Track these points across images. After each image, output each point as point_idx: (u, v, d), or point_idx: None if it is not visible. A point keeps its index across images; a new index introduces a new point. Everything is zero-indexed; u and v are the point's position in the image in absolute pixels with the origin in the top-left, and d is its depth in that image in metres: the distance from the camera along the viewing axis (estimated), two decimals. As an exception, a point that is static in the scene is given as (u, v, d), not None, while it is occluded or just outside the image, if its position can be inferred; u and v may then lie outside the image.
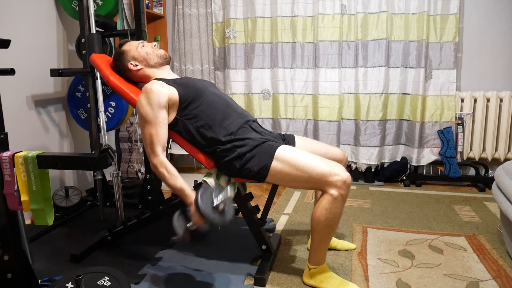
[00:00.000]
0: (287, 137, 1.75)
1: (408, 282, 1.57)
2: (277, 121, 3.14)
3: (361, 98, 2.94)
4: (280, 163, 1.48)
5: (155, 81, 1.58)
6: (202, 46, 3.27)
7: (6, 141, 1.24)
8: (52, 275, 1.61)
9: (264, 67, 3.11)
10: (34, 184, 1.18)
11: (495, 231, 2.06)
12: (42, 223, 1.22)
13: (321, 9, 2.92)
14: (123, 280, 1.33)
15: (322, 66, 2.98)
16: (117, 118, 2.41)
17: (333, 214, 1.41)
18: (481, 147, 2.92)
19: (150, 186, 2.37)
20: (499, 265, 1.69)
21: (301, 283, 1.57)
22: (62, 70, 2.01)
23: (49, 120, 2.48)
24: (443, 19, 2.82)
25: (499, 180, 1.72)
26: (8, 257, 1.24)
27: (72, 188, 2.46)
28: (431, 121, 2.91)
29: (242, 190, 1.73)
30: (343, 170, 1.42)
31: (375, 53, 2.89)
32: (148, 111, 1.50)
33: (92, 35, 2.16)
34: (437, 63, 2.87)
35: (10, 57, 2.16)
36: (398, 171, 3.03)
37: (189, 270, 1.68)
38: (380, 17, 2.85)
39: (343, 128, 3.05)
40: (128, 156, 3.05)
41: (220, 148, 1.55)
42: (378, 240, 1.97)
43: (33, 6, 2.33)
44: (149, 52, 1.71)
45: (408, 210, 2.41)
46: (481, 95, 2.84)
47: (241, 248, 1.88)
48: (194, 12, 3.24)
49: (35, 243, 1.98)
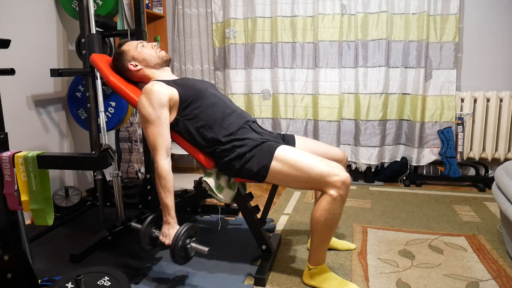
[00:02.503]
0: (287, 137, 1.75)
1: (408, 282, 1.57)
2: (277, 121, 3.14)
3: (361, 98, 2.94)
4: (280, 163, 1.48)
5: (155, 82, 1.58)
6: (202, 46, 3.27)
7: (6, 141, 1.24)
8: (52, 275, 1.61)
9: (264, 67, 3.11)
10: (34, 184, 1.18)
11: (495, 231, 2.06)
12: (42, 223, 1.22)
13: (321, 9, 2.92)
14: (123, 280, 1.33)
15: (322, 66, 2.98)
16: (117, 118, 2.41)
17: (332, 215, 1.41)
18: (481, 147, 2.92)
19: (150, 186, 2.37)
20: (499, 265, 1.69)
21: (301, 283, 1.57)
22: (62, 70, 2.01)
23: (49, 120, 2.48)
24: (443, 19, 2.82)
25: (499, 180, 1.72)
26: (8, 257, 1.24)
27: (72, 188, 2.46)
28: (431, 121, 2.91)
29: (242, 190, 1.73)
30: (342, 171, 1.42)
31: (375, 53, 2.89)
32: (150, 112, 1.50)
33: (92, 35, 2.16)
34: (437, 63, 2.87)
35: (10, 57, 2.16)
36: (398, 171, 3.03)
37: (189, 270, 1.68)
38: (380, 17, 2.85)
39: (343, 128, 3.05)
40: (128, 156, 3.05)
41: (220, 148, 1.56)
42: (378, 240, 1.97)
43: (33, 6, 2.33)
44: (149, 53, 1.71)
45: (408, 210, 2.41)
46: (481, 95, 2.84)
47: (241, 248, 1.88)
48: (194, 12, 3.24)
49: (35, 243, 1.98)
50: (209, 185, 1.56)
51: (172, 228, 1.48)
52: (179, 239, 1.43)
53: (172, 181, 1.51)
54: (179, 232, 1.44)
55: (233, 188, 1.64)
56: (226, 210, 2.34)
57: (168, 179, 1.49)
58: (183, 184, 2.86)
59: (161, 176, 1.49)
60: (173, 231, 1.47)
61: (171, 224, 1.49)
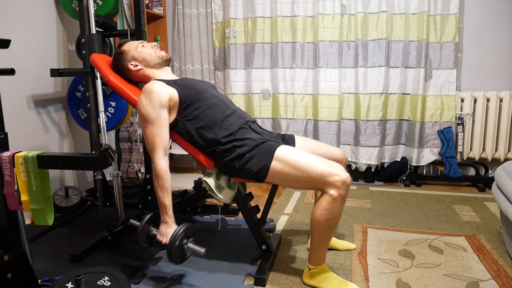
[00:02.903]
0: (287, 137, 1.75)
1: (408, 282, 1.57)
2: (277, 121, 3.14)
3: (361, 98, 2.94)
4: (280, 163, 1.48)
5: (155, 81, 1.58)
6: (202, 46, 3.27)
7: (6, 141, 1.24)
8: (52, 275, 1.61)
9: (264, 67, 3.11)
10: (34, 184, 1.18)
11: (495, 231, 2.06)
12: (42, 223, 1.22)
13: (321, 9, 2.92)
14: (123, 280, 1.33)
15: (322, 66, 2.98)
16: (117, 118, 2.41)
17: (332, 214, 1.41)
18: (481, 147, 2.92)
19: (150, 186, 2.37)
20: (499, 265, 1.69)
21: (301, 283, 1.57)
22: (62, 70, 2.01)
23: (49, 120, 2.48)
24: (443, 19, 2.82)
25: (499, 180, 1.72)
26: (8, 257, 1.24)
27: (72, 188, 2.46)
28: (431, 121, 2.91)
29: (242, 190, 1.73)
30: (342, 170, 1.42)
31: (375, 53, 2.89)
32: (149, 111, 1.50)
33: (92, 35, 2.16)
34: (437, 63, 2.87)
35: (10, 57, 2.16)
36: (398, 171, 3.03)
37: (189, 270, 1.68)
38: (380, 17, 2.85)
39: (343, 128, 3.05)
40: (128, 156, 3.05)
41: (220, 149, 1.56)
42: (378, 240, 1.97)
43: (33, 6, 2.33)
44: (149, 53, 1.71)
45: (408, 210, 2.41)
46: (481, 95, 2.84)
47: (241, 248, 1.88)
48: (194, 12, 3.24)
49: (35, 243, 1.98)
50: (209, 185, 1.57)
51: (170, 228, 1.49)
52: (176, 239, 1.43)
53: (170, 180, 1.51)
54: (176, 232, 1.44)
55: (233, 188, 1.64)
56: (226, 210, 2.34)
57: (166, 179, 1.50)
58: (183, 184, 2.86)
59: (159, 176, 1.49)
60: (170, 231, 1.47)
61: (168, 224, 1.49)
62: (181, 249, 1.47)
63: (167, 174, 1.51)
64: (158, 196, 1.50)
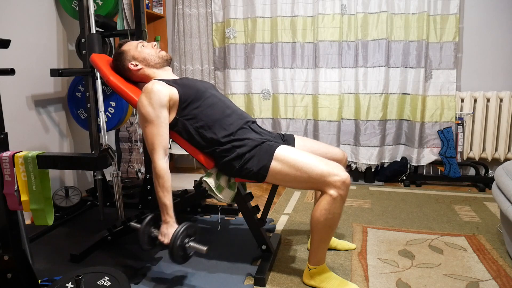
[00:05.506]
0: (287, 137, 1.75)
1: (408, 282, 1.57)
2: (277, 121, 3.14)
3: (361, 98, 2.94)
4: (280, 163, 1.48)
5: (155, 81, 1.58)
6: (202, 46, 3.27)
7: (6, 141, 1.24)
8: (52, 275, 1.61)
9: (264, 67, 3.11)
10: (34, 184, 1.18)
11: (495, 231, 2.06)
12: (42, 223, 1.22)
13: (321, 9, 2.92)
14: (123, 280, 1.33)
15: (322, 66, 2.98)
16: (117, 118, 2.41)
17: (332, 214, 1.41)
18: (481, 147, 2.92)
19: (150, 186, 2.37)
20: (499, 265, 1.70)
21: (301, 283, 1.57)
22: (62, 70, 2.01)
23: (49, 120, 2.48)
24: (443, 19, 2.82)
25: (499, 180, 1.72)
26: (8, 257, 1.24)
27: (72, 188, 2.46)
28: (431, 121, 2.91)
29: (242, 190, 1.73)
30: (342, 170, 1.42)
31: (375, 53, 2.89)
32: (149, 111, 1.50)
33: (92, 35, 2.16)
34: (437, 63, 2.87)
35: (10, 57, 2.16)
36: (398, 171, 3.03)
37: (189, 270, 1.68)
38: (380, 17, 2.85)
39: (343, 128, 3.05)
40: (128, 156, 3.05)
41: (219, 149, 1.56)
42: (378, 240, 1.97)
43: (33, 6, 2.33)
44: (150, 52, 1.71)
45: (408, 210, 2.41)
46: (481, 95, 2.84)
47: (241, 248, 1.88)
48: (194, 12, 3.24)
49: (35, 243, 1.98)
50: (209, 185, 1.57)
51: (171, 227, 1.48)
52: (178, 238, 1.43)
53: (170, 180, 1.51)
54: (177, 231, 1.44)
55: (233, 188, 1.64)
56: (226, 210, 2.34)
57: (166, 178, 1.50)
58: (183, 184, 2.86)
59: (159, 176, 1.49)
60: (171, 230, 1.47)
61: (169, 223, 1.49)
62: (183, 248, 1.46)
63: (167, 173, 1.51)
64: (158, 196, 1.50)
